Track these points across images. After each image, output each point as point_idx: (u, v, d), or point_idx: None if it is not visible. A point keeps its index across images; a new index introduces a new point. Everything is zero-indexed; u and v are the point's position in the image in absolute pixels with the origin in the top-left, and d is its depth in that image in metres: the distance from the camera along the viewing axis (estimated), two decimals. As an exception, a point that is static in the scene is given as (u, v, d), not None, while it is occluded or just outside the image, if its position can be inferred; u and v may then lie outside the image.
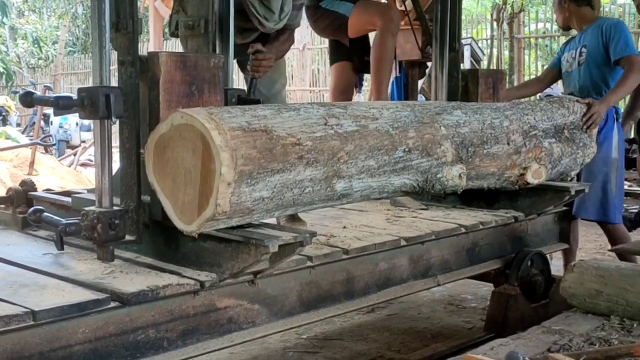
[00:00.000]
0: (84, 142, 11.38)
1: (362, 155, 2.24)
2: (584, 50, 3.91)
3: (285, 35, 3.20)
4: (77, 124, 12.53)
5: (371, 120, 2.31)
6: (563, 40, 11.87)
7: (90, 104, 2.06)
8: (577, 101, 3.30)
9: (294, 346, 3.13)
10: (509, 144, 2.81)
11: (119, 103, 2.08)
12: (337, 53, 4.30)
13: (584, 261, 2.56)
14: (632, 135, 7.80)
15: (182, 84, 2.18)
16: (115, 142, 2.11)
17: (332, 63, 4.42)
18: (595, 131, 3.26)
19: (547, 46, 12.04)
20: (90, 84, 2.15)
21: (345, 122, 2.22)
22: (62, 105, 2.07)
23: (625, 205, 6.40)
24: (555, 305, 3.25)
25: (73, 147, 11.38)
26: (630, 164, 6.76)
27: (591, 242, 5.48)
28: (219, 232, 2.04)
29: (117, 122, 2.13)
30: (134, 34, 2.16)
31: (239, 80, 4.01)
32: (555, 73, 4.20)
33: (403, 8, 4.86)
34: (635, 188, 7.42)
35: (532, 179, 2.95)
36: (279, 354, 3.03)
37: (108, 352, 1.89)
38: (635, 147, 6.93)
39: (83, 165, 8.32)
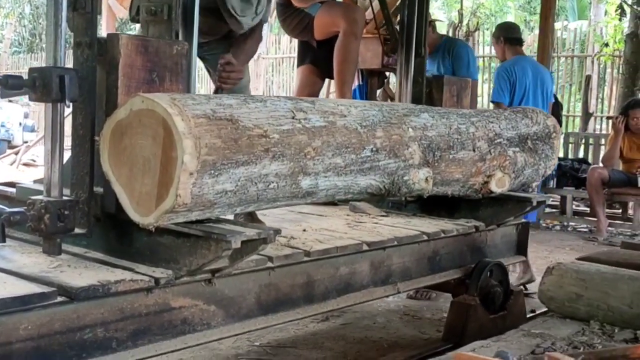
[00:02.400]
0: (26, 142, 11.02)
1: (329, 152, 2.15)
2: None
3: (255, 34, 3.10)
4: (20, 124, 12.18)
5: (339, 117, 2.23)
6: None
7: (42, 84, 1.91)
8: None
9: (246, 353, 3.01)
10: (474, 150, 2.77)
11: (74, 85, 1.94)
12: (304, 54, 4.22)
13: (563, 264, 2.51)
14: (582, 155, 7.98)
15: (142, 70, 2.06)
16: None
17: (298, 64, 4.34)
18: (557, 143, 3.25)
19: (493, 68, 12.25)
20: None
21: (312, 117, 2.14)
22: (11, 85, 1.92)
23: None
24: (512, 317, 3.22)
25: (14, 147, 11.00)
26: (580, 183, 6.89)
27: (541, 258, 5.51)
28: (177, 225, 1.92)
29: (70, 107, 2.00)
30: (92, 13, 2.03)
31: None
32: None
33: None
34: (583, 208, 7.55)
35: (496, 188, 2.91)
36: (230, 361, 2.91)
37: (52, 350, 1.74)
38: (584, 166, 7.06)
39: (25, 164, 8.02)
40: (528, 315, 3.40)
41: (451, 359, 1.65)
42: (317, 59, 4.10)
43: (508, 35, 5.36)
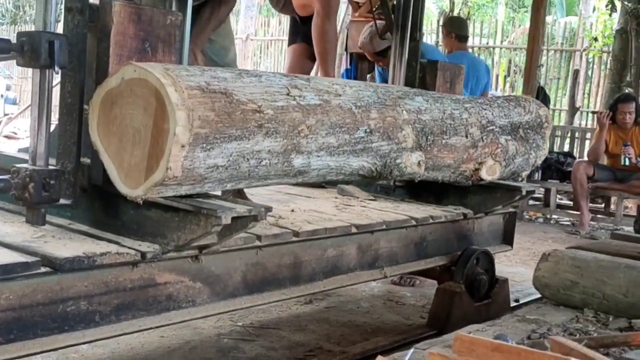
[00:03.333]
0: (7, 114, 10.86)
1: (323, 131, 2.12)
2: None
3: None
4: (2, 96, 11.99)
5: (334, 96, 2.20)
6: (504, 52, 12.13)
7: (31, 49, 1.85)
8: None
9: (228, 333, 2.98)
10: (466, 136, 2.75)
11: (64, 51, 1.87)
12: (295, 33, 4.17)
13: (559, 250, 2.49)
14: (567, 149, 8.00)
15: (135, 39, 2.00)
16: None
17: (289, 44, 4.27)
18: (548, 133, 3.24)
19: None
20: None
21: (307, 94, 2.10)
22: (-1, 48, 1.86)
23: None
24: (497, 306, 3.22)
25: (-4, 120, 10.84)
26: (565, 176, 6.91)
27: (524, 249, 5.53)
28: (165, 199, 1.88)
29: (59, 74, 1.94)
30: (85, -22, 1.97)
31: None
32: None
33: (358, -1, 4.79)
34: (566, 201, 7.58)
35: (486, 175, 2.89)
36: (212, 340, 2.88)
37: (33, 321, 1.70)
38: (570, 159, 7.08)
39: (7, 137, 7.90)
40: (512, 305, 3.41)
41: (450, 340, 1.63)
42: (307, 38, 4.04)
43: (460, 33, 5.65)
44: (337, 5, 3.92)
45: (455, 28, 5.73)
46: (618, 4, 9.31)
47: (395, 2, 3.41)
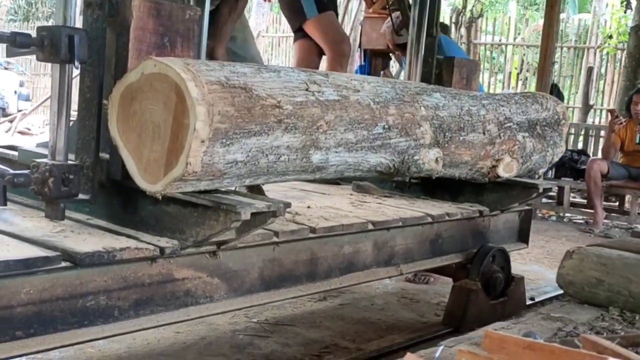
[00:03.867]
0: (21, 110, 10.92)
1: (342, 127, 2.11)
2: None
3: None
4: (15, 92, 12.06)
5: (352, 91, 2.19)
6: (516, 50, 12.07)
7: (51, 44, 1.85)
8: None
9: (244, 329, 2.97)
10: (484, 133, 2.73)
11: (83, 46, 1.88)
12: (302, 28, 4.13)
13: (583, 248, 2.47)
14: (581, 146, 7.96)
15: (154, 34, 2.00)
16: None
17: (294, 40, 4.22)
18: (565, 130, 3.22)
19: (494, 58, 12.20)
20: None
21: (326, 90, 2.09)
22: (19, 42, 1.86)
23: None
24: (512, 304, 3.21)
25: (8, 115, 10.89)
26: (578, 174, 6.87)
27: (538, 247, 5.50)
28: (184, 195, 1.88)
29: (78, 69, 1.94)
30: (104, -27, 1.96)
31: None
32: None
33: (372, -5, 4.78)
34: (579, 199, 7.54)
35: (503, 172, 2.88)
36: (227, 336, 2.87)
37: (53, 316, 1.70)
38: (583, 157, 7.04)
39: (21, 132, 7.94)
40: (527, 303, 3.39)
41: (475, 338, 1.62)
42: None
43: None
44: (349, 53, 3.94)
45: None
46: (633, 1, 9.22)
47: (411, -1, 3.40)
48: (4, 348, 1.60)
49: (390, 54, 4.98)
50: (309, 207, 2.71)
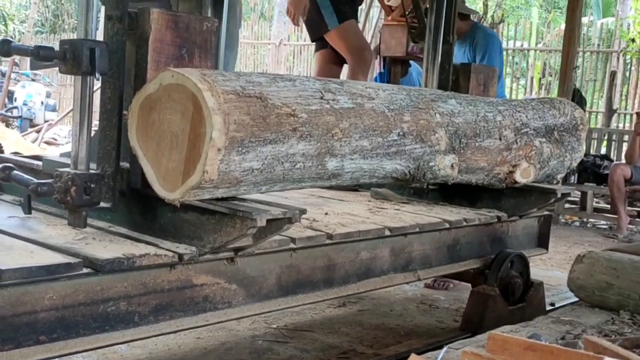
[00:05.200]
0: (47, 121, 11.10)
1: (356, 134, 2.14)
2: None
3: None
4: (42, 103, 12.26)
5: (367, 99, 2.22)
6: (539, 55, 12.01)
7: (73, 57, 1.91)
8: None
9: (263, 335, 3.01)
10: (500, 139, 2.75)
11: (104, 58, 1.94)
12: (322, 39, 4.18)
13: (594, 252, 2.48)
14: (604, 151, 7.90)
15: (172, 45, 2.06)
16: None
17: (316, 49, 4.29)
18: (583, 135, 3.21)
19: (516, 63, 12.14)
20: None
21: (341, 98, 2.12)
22: (42, 56, 1.92)
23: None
24: (531, 309, 3.20)
25: (35, 126, 11.09)
26: (601, 179, 6.82)
27: (560, 253, 5.48)
28: (202, 202, 1.92)
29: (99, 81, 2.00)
30: (124, -13, 2.02)
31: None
32: None
33: (390, 3, 4.80)
34: (603, 204, 7.48)
35: (520, 178, 2.89)
36: (247, 342, 2.91)
37: (75, 321, 1.75)
38: (606, 162, 6.99)
39: (47, 142, 8.08)
40: (548, 308, 3.38)
41: (483, 340, 1.64)
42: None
43: None
44: (371, 60, 3.99)
45: None
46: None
47: (428, 6, 3.42)
48: (28, 352, 1.66)
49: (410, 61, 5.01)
50: (326, 213, 2.74)
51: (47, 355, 1.70)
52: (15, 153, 2.79)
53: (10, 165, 2.13)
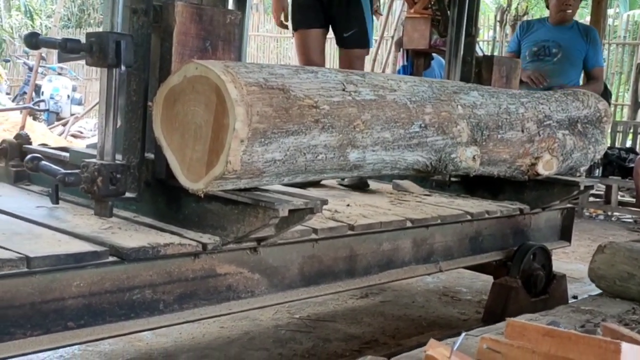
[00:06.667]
0: (73, 114, 11.23)
1: (378, 126, 2.15)
2: (559, 46, 4.64)
3: None
4: (68, 96, 12.40)
5: (389, 91, 2.23)
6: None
7: (99, 49, 1.95)
8: None
9: (286, 324, 3.04)
10: (523, 131, 2.74)
11: (130, 51, 1.97)
12: (314, 15, 3.44)
13: (615, 242, 2.47)
14: (629, 144, 7.81)
15: (196, 38, 2.08)
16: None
17: (306, 27, 3.45)
18: (607, 127, 3.19)
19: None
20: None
21: (363, 90, 2.13)
22: (69, 48, 1.96)
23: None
24: (554, 301, 3.19)
25: (62, 119, 11.23)
26: (626, 172, 6.75)
27: (584, 246, 5.44)
28: (225, 192, 1.95)
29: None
30: (149, -20, 2.05)
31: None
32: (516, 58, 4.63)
33: (413, -5, 4.79)
34: (628, 198, 7.40)
35: (543, 170, 2.88)
36: (270, 332, 2.95)
37: (102, 308, 1.79)
38: (632, 155, 6.91)
39: (73, 135, 8.18)
40: (571, 301, 3.37)
41: (502, 328, 1.65)
42: (326, 20, 3.50)
43: None
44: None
45: None
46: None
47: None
48: (57, 338, 1.70)
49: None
50: (348, 204, 2.76)
51: (75, 341, 1.74)
52: (43, 144, 2.83)
53: (38, 156, 2.18)
